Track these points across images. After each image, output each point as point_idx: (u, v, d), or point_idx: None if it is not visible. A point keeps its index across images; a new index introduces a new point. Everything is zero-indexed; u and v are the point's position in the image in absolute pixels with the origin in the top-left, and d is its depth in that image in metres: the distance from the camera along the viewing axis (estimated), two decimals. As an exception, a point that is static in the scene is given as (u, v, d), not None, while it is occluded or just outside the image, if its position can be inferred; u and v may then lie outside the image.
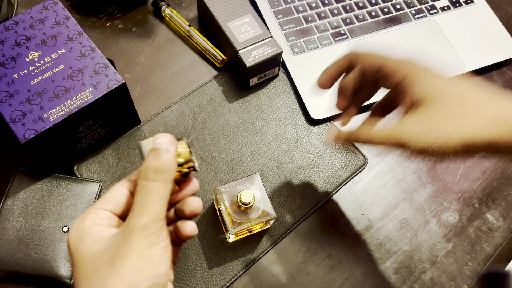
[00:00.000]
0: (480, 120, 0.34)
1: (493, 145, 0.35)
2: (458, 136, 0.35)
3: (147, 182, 0.30)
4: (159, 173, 0.30)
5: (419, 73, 0.37)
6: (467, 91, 0.36)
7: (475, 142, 0.35)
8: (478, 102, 0.35)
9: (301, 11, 0.63)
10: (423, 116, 0.36)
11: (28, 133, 0.42)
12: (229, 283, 0.47)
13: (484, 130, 0.34)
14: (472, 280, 0.50)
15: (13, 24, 0.47)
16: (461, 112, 0.35)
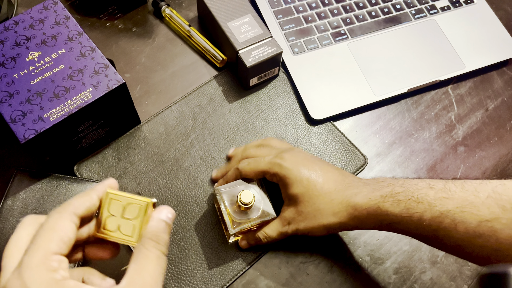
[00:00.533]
0: (331, 209, 0.43)
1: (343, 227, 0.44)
2: (320, 224, 0.44)
3: (159, 252, 0.30)
4: (167, 250, 0.31)
5: (288, 174, 0.45)
6: (322, 184, 0.44)
7: (331, 225, 0.43)
8: (329, 194, 0.43)
9: (301, 11, 0.63)
10: (295, 209, 0.45)
11: (28, 133, 0.42)
12: (229, 283, 0.47)
13: (336, 217, 0.43)
14: (472, 280, 0.50)
15: (13, 24, 0.47)
16: (319, 204, 0.43)
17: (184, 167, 0.53)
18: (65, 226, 0.28)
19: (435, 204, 0.38)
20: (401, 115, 0.59)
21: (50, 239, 0.27)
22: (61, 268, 0.27)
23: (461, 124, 0.59)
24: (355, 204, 0.42)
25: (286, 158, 0.45)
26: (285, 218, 0.46)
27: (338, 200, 0.43)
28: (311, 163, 0.45)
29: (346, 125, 0.58)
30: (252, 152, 0.50)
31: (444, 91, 0.61)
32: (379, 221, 0.41)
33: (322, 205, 0.43)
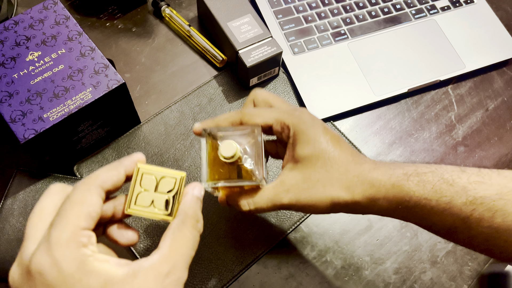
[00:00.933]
0: (345, 181, 0.36)
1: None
2: (328, 197, 0.36)
3: (197, 233, 0.29)
4: (198, 223, 0.30)
5: (306, 129, 0.37)
6: (339, 153, 0.37)
7: (340, 202, 0.36)
8: (345, 164, 0.37)
9: (301, 11, 0.63)
10: (301, 173, 0.37)
11: (28, 133, 0.42)
12: (229, 283, 0.47)
13: (348, 192, 0.36)
14: (472, 280, 0.49)
15: (13, 24, 0.47)
16: (332, 172, 0.36)
17: (184, 167, 0.53)
18: (93, 200, 0.27)
19: (469, 189, 0.33)
20: (401, 115, 0.59)
21: (79, 213, 0.26)
22: (90, 243, 0.26)
23: (461, 124, 0.59)
24: (373, 180, 0.35)
25: (306, 112, 0.38)
26: (284, 184, 0.37)
27: (354, 172, 0.36)
28: (329, 129, 0.38)
29: (346, 125, 0.58)
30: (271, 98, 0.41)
31: (444, 91, 0.61)
32: (397, 203, 0.35)
33: (336, 174, 0.36)
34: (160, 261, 0.27)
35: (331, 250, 0.50)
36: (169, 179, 0.31)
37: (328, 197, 0.36)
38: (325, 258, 0.49)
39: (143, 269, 0.26)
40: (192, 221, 0.29)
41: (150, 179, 0.31)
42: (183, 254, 0.28)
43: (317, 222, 0.51)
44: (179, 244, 0.28)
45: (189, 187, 0.31)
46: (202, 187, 0.31)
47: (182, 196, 0.31)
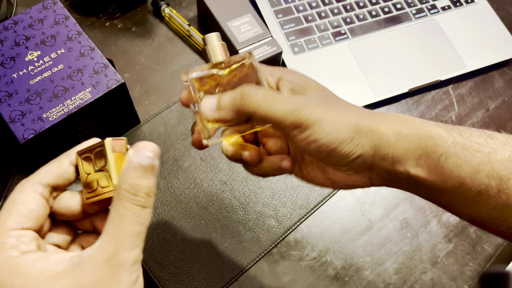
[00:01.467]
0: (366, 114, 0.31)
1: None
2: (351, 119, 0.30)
3: (137, 208, 0.25)
4: (150, 196, 0.25)
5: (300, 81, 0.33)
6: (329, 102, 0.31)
7: (364, 127, 0.30)
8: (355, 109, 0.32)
9: (301, 10, 0.63)
10: (314, 94, 0.32)
11: (27, 133, 0.42)
12: (229, 283, 0.47)
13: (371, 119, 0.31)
14: (473, 281, 0.49)
15: (12, 24, 0.47)
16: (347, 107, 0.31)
17: (183, 167, 0.53)
18: (25, 198, 0.25)
19: (508, 146, 0.29)
20: (402, 115, 0.59)
21: (7, 214, 0.25)
22: (22, 242, 0.24)
23: (462, 124, 0.58)
24: (396, 118, 0.30)
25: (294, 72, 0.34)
26: (301, 98, 0.30)
27: (364, 114, 0.30)
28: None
29: (347, 125, 0.58)
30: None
31: (445, 91, 0.61)
32: (422, 148, 0.29)
33: (344, 113, 0.30)
34: (98, 248, 0.24)
35: (331, 250, 0.50)
36: (99, 152, 0.27)
37: (353, 119, 0.30)
38: (325, 259, 0.49)
39: (81, 261, 0.24)
40: (127, 195, 0.25)
41: (88, 159, 0.28)
42: (125, 234, 0.24)
43: (317, 222, 0.51)
44: (116, 226, 0.24)
45: (130, 153, 0.26)
46: (149, 147, 0.26)
47: (120, 165, 0.27)
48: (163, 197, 0.51)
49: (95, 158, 0.27)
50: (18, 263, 0.23)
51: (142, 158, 0.25)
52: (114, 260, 0.23)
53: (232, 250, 0.49)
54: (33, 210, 0.25)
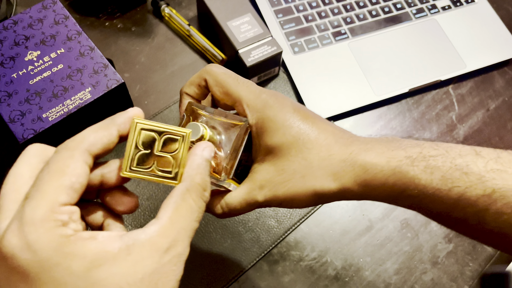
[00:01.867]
0: (329, 167, 0.30)
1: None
2: (309, 188, 0.31)
3: (203, 204, 0.25)
4: (206, 191, 0.25)
5: (272, 115, 0.31)
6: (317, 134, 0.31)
7: (326, 192, 0.31)
8: (326, 147, 0.31)
9: (302, 10, 0.63)
10: (274, 165, 0.31)
11: (27, 133, 0.42)
12: (229, 283, 0.47)
13: (336, 180, 0.30)
14: (473, 281, 0.49)
15: (12, 24, 0.47)
16: (311, 159, 0.31)
17: (183, 167, 0.53)
18: (77, 169, 0.23)
19: (486, 178, 0.28)
20: (402, 115, 0.59)
21: (58, 185, 0.22)
22: (72, 220, 0.22)
23: (462, 124, 0.58)
24: (366, 164, 0.29)
25: (271, 93, 0.32)
26: (256, 181, 0.31)
27: (340, 155, 0.30)
28: (302, 108, 0.32)
29: (347, 125, 0.57)
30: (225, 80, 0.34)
31: (445, 91, 0.61)
32: (399, 191, 0.29)
33: (316, 161, 0.30)
34: (159, 233, 0.23)
35: (331, 250, 0.50)
36: (172, 137, 0.26)
37: (310, 188, 0.30)
38: (325, 259, 0.49)
39: (139, 243, 0.22)
40: (199, 189, 0.25)
41: (149, 136, 0.26)
42: (186, 227, 0.24)
43: (318, 222, 0.51)
44: (181, 215, 0.24)
45: (198, 148, 0.26)
46: (212, 148, 0.27)
47: (187, 158, 0.26)
48: (163, 197, 0.51)
49: (160, 139, 0.26)
50: (73, 242, 0.21)
51: (208, 155, 0.26)
52: (174, 251, 0.23)
53: (232, 250, 0.48)
54: (83, 185, 0.23)
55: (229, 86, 0.32)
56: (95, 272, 0.21)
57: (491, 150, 0.29)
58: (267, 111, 0.31)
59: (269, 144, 0.31)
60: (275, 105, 0.31)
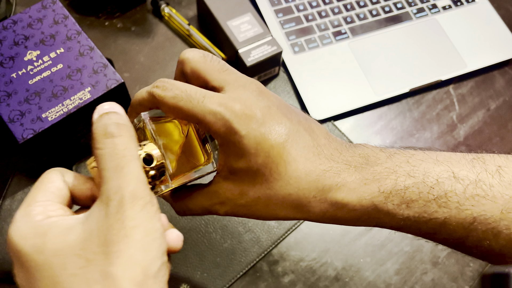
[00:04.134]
0: (296, 201, 0.29)
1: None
2: (272, 215, 0.30)
3: (110, 140, 0.24)
4: (120, 128, 0.25)
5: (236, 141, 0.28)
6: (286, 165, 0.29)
7: (290, 218, 0.30)
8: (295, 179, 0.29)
9: (302, 9, 0.63)
10: (237, 187, 0.30)
11: (27, 133, 0.42)
12: (229, 283, 0.47)
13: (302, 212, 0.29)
14: (474, 281, 0.49)
15: (12, 23, 0.47)
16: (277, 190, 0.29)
17: (183, 167, 0.53)
18: (54, 180, 0.26)
19: (466, 207, 0.27)
20: (402, 115, 0.58)
21: (36, 190, 0.26)
22: (48, 210, 0.25)
23: (463, 124, 0.58)
24: (337, 202, 0.28)
25: (240, 109, 0.28)
26: (218, 196, 0.30)
27: (308, 191, 0.28)
28: (276, 123, 0.28)
29: (347, 125, 0.57)
30: (204, 67, 0.30)
31: (446, 91, 0.60)
32: (373, 223, 0.30)
33: (282, 194, 0.28)
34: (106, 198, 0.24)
35: (331, 250, 0.50)
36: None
37: (272, 215, 0.30)
38: (325, 259, 0.49)
39: (91, 210, 0.24)
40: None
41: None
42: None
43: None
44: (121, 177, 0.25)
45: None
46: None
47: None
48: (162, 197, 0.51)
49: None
50: (40, 225, 0.24)
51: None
52: (110, 201, 0.23)
53: (232, 251, 0.48)
54: (59, 188, 0.26)
55: (184, 109, 0.28)
56: (50, 245, 0.23)
57: (470, 171, 0.28)
58: (230, 136, 0.28)
59: (234, 167, 0.29)
60: (243, 125, 0.27)
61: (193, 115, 0.28)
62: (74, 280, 0.22)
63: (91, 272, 0.22)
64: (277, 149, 0.28)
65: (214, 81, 0.30)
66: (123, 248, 0.22)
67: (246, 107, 0.28)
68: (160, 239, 0.24)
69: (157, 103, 0.29)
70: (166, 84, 0.28)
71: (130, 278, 0.22)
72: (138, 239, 0.23)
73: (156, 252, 0.24)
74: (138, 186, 0.24)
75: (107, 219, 0.23)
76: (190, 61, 0.30)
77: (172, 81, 0.29)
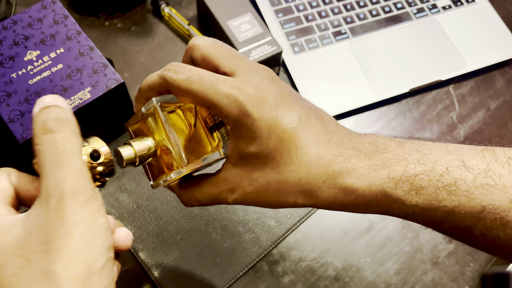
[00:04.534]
0: (306, 186, 0.29)
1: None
2: (281, 202, 0.30)
3: (50, 136, 0.24)
4: (60, 123, 0.24)
5: (249, 124, 0.28)
6: (297, 149, 0.28)
7: (299, 204, 0.30)
8: (306, 164, 0.29)
9: (302, 9, 0.63)
10: (247, 173, 0.29)
11: (27, 133, 0.42)
12: (229, 284, 0.47)
13: (312, 197, 0.29)
14: (474, 281, 0.49)
15: (12, 23, 0.47)
16: (287, 175, 0.29)
17: (183, 167, 0.52)
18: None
19: (475, 195, 0.27)
20: (403, 115, 0.58)
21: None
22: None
23: (463, 124, 0.58)
24: (346, 187, 0.28)
25: (253, 93, 0.28)
26: (227, 182, 0.30)
27: (318, 176, 0.28)
28: (288, 108, 0.28)
29: (347, 125, 0.57)
30: (215, 52, 0.30)
31: (446, 91, 0.60)
32: (382, 210, 0.29)
33: (292, 178, 0.28)
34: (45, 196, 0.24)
35: (331, 250, 0.49)
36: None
37: (283, 202, 0.29)
38: (325, 259, 0.49)
39: (31, 209, 0.24)
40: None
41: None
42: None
43: (318, 222, 0.51)
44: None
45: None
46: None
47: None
48: (163, 198, 0.51)
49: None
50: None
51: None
52: (50, 197, 0.23)
53: (232, 251, 0.48)
54: (4, 188, 0.26)
55: (197, 92, 0.28)
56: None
57: (480, 161, 0.28)
58: (243, 119, 0.28)
59: (245, 152, 0.29)
60: (255, 108, 0.27)
61: (206, 98, 0.27)
62: (14, 280, 0.22)
63: (31, 272, 0.22)
64: (288, 134, 0.28)
65: (225, 66, 0.29)
66: (64, 245, 0.22)
67: (260, 91, 0.28)
68: (104, 234, 0.23)
69: (168, 86, 0.28)
70: (178, 68, 0.28)
71: (72, 276, 0.22)
72: (79, 235, 0.22)
73: (100, 248, 0.23)
74: (79, 180, 0.23)
75: (47, 216, 0.22)
76: (200, 47, 0.30)
77: (184, 65, 0.29)
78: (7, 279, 0.22)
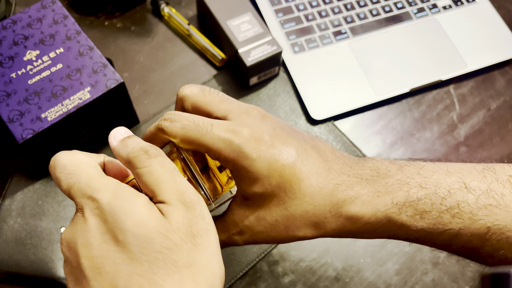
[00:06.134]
0: (313, 218, 0.29)
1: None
2: (290, 236, 0.30)
3: (155, 159, 0.26)
4: (156, 149, 0.26)
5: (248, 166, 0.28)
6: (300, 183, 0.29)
7: (308, 237, 0.30)
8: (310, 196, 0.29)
9: (302, 9, 0.63)
10: (253, 213, 0.30)
11: (26, 133, 0.42)
12: (229, 284, 0.47)
13: (319, 229, 0.30)
14: (474, 281, 0.49)
15: (11, 23, 0.47)
16: (293, 210, 0.29)
17: (183, 167, 0.52)
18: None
19: (479, 217, 0.27)
20: (403, 115, 0.58)
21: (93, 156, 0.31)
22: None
23: (463, 124, 0.58)
24: (352, 216, 0.28)
25: (248, 134, 0.28)
26: (235, 224, 0.30)
27: (323, 206, 0.28)
28: (284, 143, 0.29)
29: (347, 125, 0.57)
30: (204, 100, 0.31)
31: (446, 91, 0.60)
32: (388, 235, 0.29)
33: (299, 212, 0.29)
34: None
35: (331, 251, 0.49)
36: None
37: (292, 236, 0.30)
38: (325, 259, 0.49)
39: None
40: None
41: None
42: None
43: (318, 222, 0.51)
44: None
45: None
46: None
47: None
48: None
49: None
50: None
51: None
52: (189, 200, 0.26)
53: (232, 251, 0.48)
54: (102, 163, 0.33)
55: (193, 139, 0.29)
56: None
57: (481, 181, 0.28)
58: (242, 161, 0.28)
59: (248, 193, 0.29)
60: (252, 151, 0.28)
61: (203, 143, 0.28)
62: (160, 257, 0.23)
63: (176, 255, 0.23)
64: (289, 169, 0.28)
65: (217, 112, 0.30)
66: (206, 241, 0.24)
67: (254, 131, 0.28)
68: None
69: (167, 136, 0.29)
70: (174, 116, 0.29)
71: (211, 270, 0.24)
72: (214, 234, 0.25)
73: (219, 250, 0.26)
74: (193, 190, 0.26)
75: (189, 215, 0.24)
76: (189, 97, 0.31)
77: (180, 113, 0.29)
78: (151, 255, 0.23)
